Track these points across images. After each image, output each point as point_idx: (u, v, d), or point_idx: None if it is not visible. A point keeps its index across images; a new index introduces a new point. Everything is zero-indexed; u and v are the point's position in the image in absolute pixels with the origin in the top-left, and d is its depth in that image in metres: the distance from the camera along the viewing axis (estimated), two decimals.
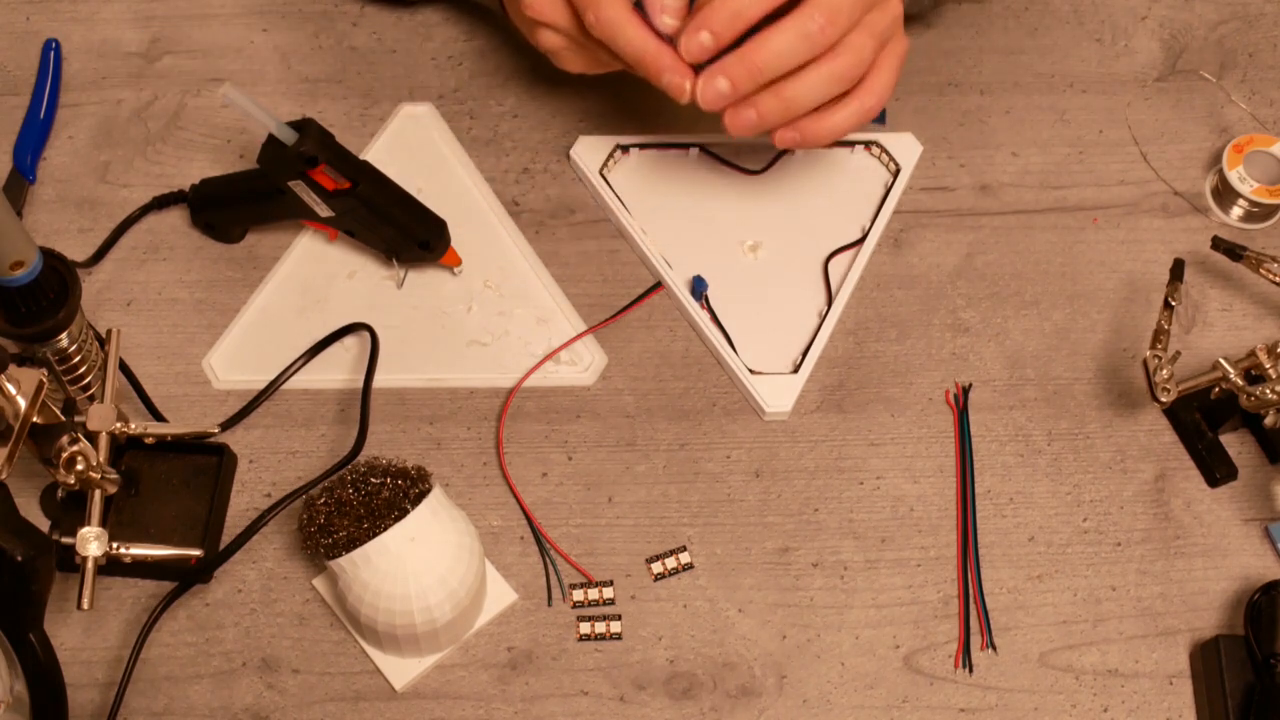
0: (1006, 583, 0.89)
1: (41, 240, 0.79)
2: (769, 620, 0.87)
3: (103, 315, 0.95)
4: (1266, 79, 1.04)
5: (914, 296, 0.97)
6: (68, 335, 0.78)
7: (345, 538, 0.81)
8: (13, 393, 0.75)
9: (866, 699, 0.86)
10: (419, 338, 0.94)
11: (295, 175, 0.89)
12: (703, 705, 0.85)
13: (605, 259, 0.97)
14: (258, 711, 0.85)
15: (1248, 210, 0.99)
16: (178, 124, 1.01)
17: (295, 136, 0.87)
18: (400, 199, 0.92)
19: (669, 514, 0.90)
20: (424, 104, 1.02)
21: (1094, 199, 1.00)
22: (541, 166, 1.00)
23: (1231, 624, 0.87)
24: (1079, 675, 0.87)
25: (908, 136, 1.00)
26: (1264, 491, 0.91)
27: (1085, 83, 1.04)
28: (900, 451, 0.92)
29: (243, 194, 0.94)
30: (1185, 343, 0.95)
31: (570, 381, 0.93)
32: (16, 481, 0.86)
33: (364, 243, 0.95)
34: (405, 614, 0.81)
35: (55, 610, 0.86)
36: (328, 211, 0.91)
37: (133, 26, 1.05)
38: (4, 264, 0.72)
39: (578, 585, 0.88)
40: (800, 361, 0.93)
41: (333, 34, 1.05)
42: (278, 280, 0.96)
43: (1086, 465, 0.92)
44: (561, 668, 0.86)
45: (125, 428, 0.83)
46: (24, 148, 0.99)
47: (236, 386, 0.93)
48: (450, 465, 0.91)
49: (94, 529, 0.80)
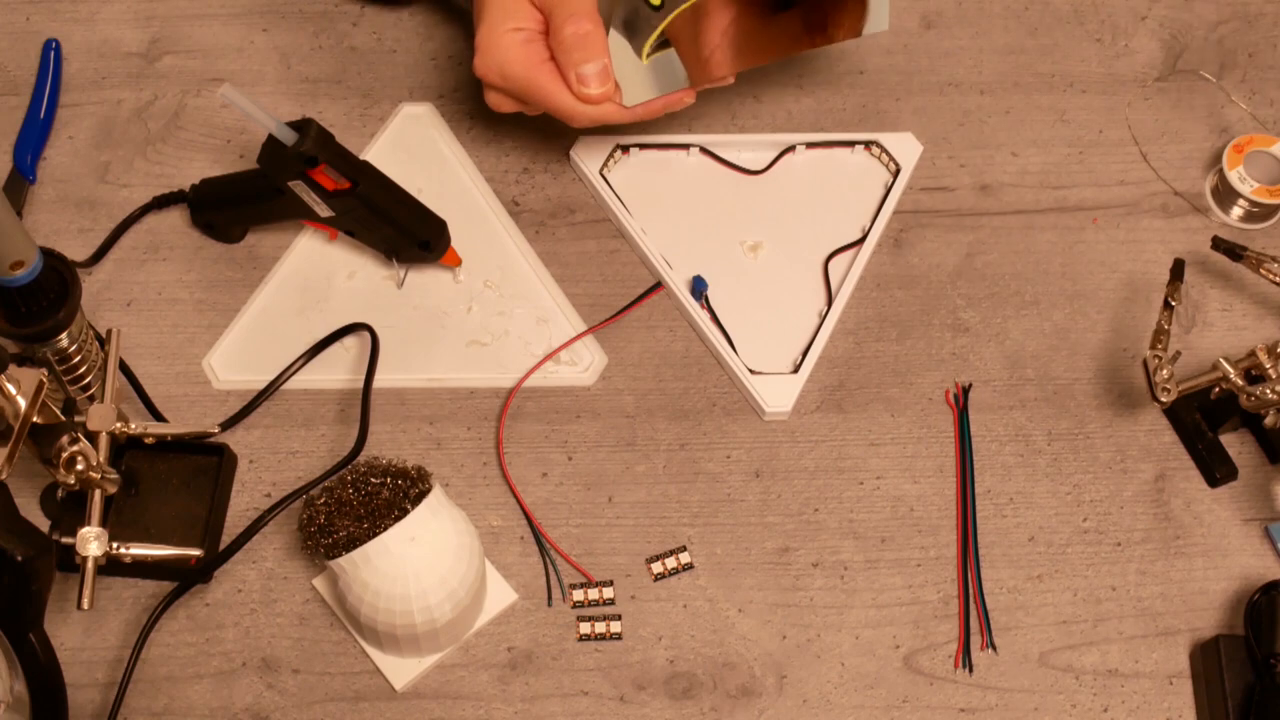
0: (1006, 583, 0.89)
1: (41, 240, 0.79)
2: (769, 620, 0.87)
3: (103, 315, 0.95)
4: (1266, 79, 1.04)
5: (914, 296, 0.97)
6: (68, 335, 0.78)
7: (345, 538, 0.81)
8: (13, 393, 0.75)
9: (866, 699, 0.86)
10: (419, 338, 0.94)
11: (295, 175, 0.89)
12: (703, 705, 0.85)
13: (605, 259, 0.97)
14: (258, 711, 0.85)
15: (1248, 210, 0.99)
16: (178, 124, 1.01)
17: (295, 137, 0.87)
18: (400, 199, 0.92)
19: (669, 514, 0.90)
20: (424, 104, 1.02)
21: (1094, 199, 1.00)
22: (541, 166, 1.00)
23: (1231, 624, 0.87)
24: (1079, 675, 0.87)
25: (908, 136, 1.00)
26: (1264, 491, 0.91)
27: (1085, 83, 1.04)
28: (900, 451, 0.92)
29: (243, 194, 0.94)
30: (1185, 343, 0.95)
31: (570, 381, 0.93)
32: (16, 481, 0.86)
33: (364, 243, 0.94)
34: (405, 614, 0.81)
35: (55, 610, 0.86)
36: (328, 211, 0.91)
37: (133, 26, 1.05)
38: (4, 264, 0.72)
39: (578, 585, 0.88)
40: (800, 361, 0.93)
41: (333, 34, 1.05)
42: (278, 280, 0.96)
43: (1086, 465, 0.92)
44: (561, 668, 0.86)
45: (125, 428, 0.83)
46: (24, 148, 0.99)
47: (236, 386, 0.93)
48: (450, 465, 0.91)
49: (94, 529, 0.79)
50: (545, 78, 0.89)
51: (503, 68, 0.89)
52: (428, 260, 0.94)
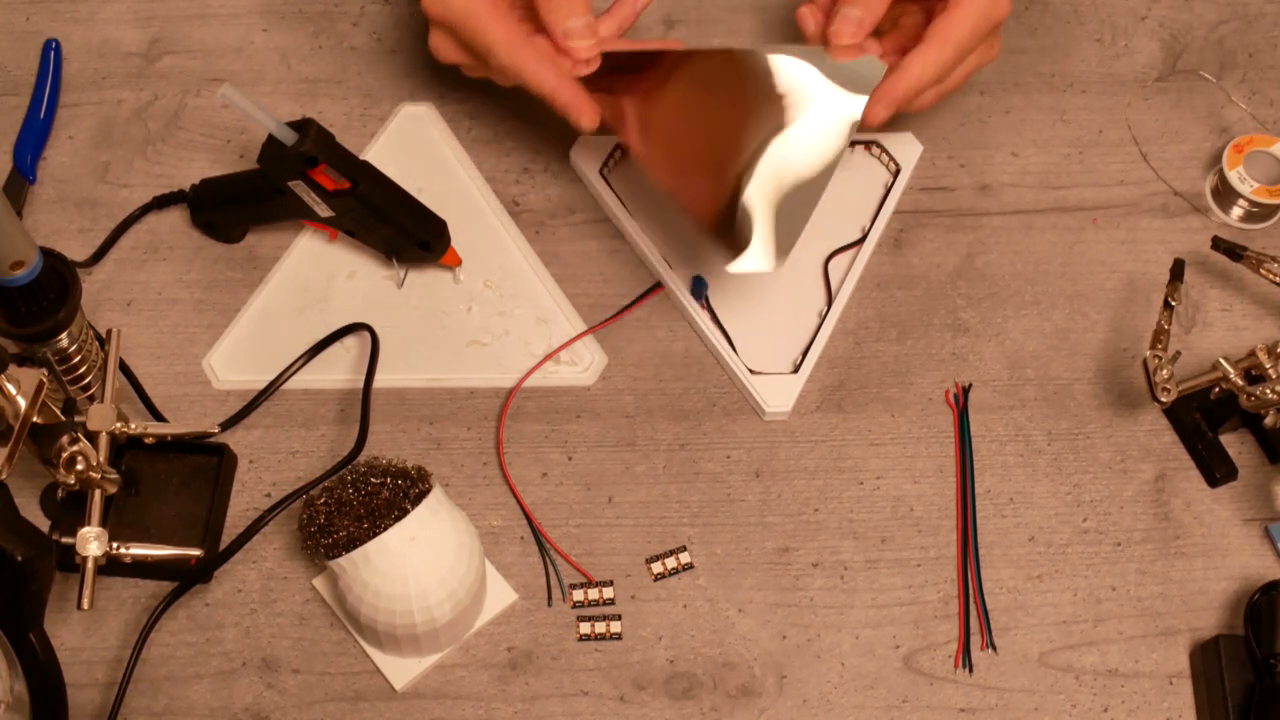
0: (1006, 583, 0.89)
1: (41, 240, 0.78)
2: (769, 620, 0.87)
3: (103, 315, 0.95)
4: (1266, 79, 1.04)
5: (914, 296, 0.97)
6: (68, 335, 0.78)
7: (345, 538, 0.81)
8: (13, 393, 0.75)
9: (866, 699, 0.86)
10: (419, 338, 0.94)
11: (295, 175, 0.89)
12: (703, 705, 0.85)
13: (605, 259, 0.97)
14: (258, 711, 0.85)
15: (1248, 210, 0.99)
16: (178, 124, 1.01)
17: (295, 137, 0.87)
18: (400, 199, 0.92)
19: (669, 514, 0.90)
20: (424, 104, 1.02)
21: (1094, 199, 1.00)
22: (541, 166, 1.00)
23: (1231, 624, 0.87)
24: (1079, 675, 0.87)
25: (908, 136, 1.00)
26: (1264, 491, 0.91)
27: (1085, 83, 1.04)
28: (900, 451, 0.92)
29: (243, 194, 0.94)
30: (1185, 343, 0.95)
31: (570, 381, 0.93)
32: (16, 481, 0.86)
33: (364, 243, 0.95)
34: (405, 614, 0.81)
35: (55, 610, 0.86)
36: (328, 211, 0.91)
37: (133, 26, 1.04)
38: (4, 264, 0.72)
39: (578, 585, 0.88)
40: (800, 361, 0.93)
41: (333, 34, 1.05)
42: (278, 280, 0.96)
43: (1086, 465, 0.92)
44: (561, 668, 0.86)
45: (125, 428, 0.83)
46: (24, 148, 0.99)
47: (236, 386, 0.93)
48: (450, 465, 0.91)
49: (94, 529, 0.80)
50: (486, 12, 0.88)
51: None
52: (428, 260, 0.94)
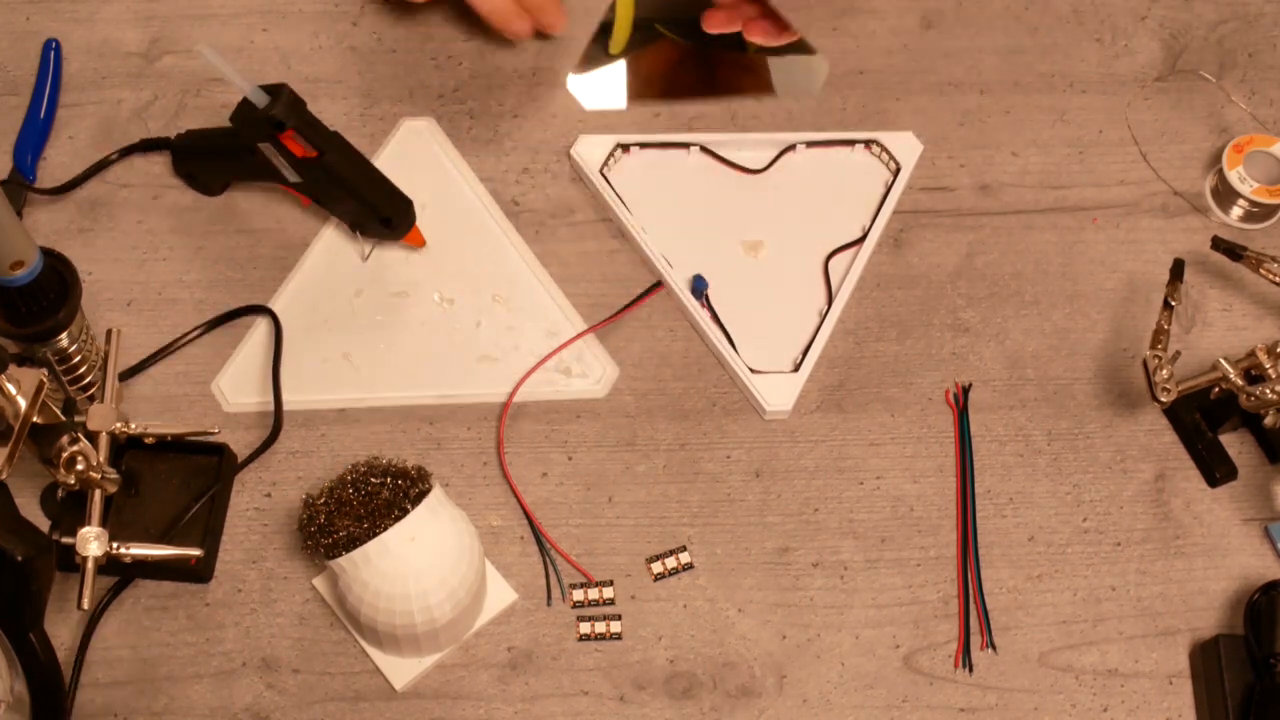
0: (1006, 583, 0.89)
1: (41, 240, 0.78)
2: (769, 620, 0.87)
3: (103, 315, 0.95)
4: (1266, 79, 1.04)
5: (914, 296, 0.97)
6: (68, 335, 0.78)
7: (345, 538, 0.81)
8: (13, 393, 0.75)
9: (866, 699, 0.86)
10: (430, 354, 0.94)
11: (264, 138, 0.90)
12: (703, 705, 0.85)
13: (605, 259, 0.97)
14: (258, 711, 0.85)
15: (1248, 210, 0.99)
16: (178, 124, 1.01)
17: (268, 100, 0.88)
18: (368, 173, 0.93)
19: (669, 514, 0.90)
20: (425, 118, 1.01)
21: (1094, 199, 1.00)
22: (541, 166, 1.00)
23: (1231, 624, 0.87)
24: (1079, 675, 0.87)
25: (908, 136, 1.00)
26: (1264, 491, 0.91)
27: (1085, 83, 1.04)
28: (900, 451, 0.92)
29: (220, 149, 0.95)
30: (1185, 343, 0.95)
31: (582, 394, 0.93)
32: (16, 481, 0.86)
33: (331, 213, 0.95)
34: (405, 614, 0.81)
35: (55, 610, 0.86)
36: (295, 177, 0.92)
37: (133, 26, 1.04)
38: (4, 264, 0.72)
39: (578, 585, 0.88)
40: (800, 361, 0.93)
41: (333, 34, 1.05)
42: (285, 299, 0.95)
43: (1086, 465, 0.92)
44: (561, 668, 0.86)
45: (125, 428, 0.83)
46: (24, 148, 0.99)
47: (246, 409, 0.92)
48: (450, 465, 0.91)
49: (94, 529, 0.80)
50: None
51: None
52: (390, 238, 0.95)
